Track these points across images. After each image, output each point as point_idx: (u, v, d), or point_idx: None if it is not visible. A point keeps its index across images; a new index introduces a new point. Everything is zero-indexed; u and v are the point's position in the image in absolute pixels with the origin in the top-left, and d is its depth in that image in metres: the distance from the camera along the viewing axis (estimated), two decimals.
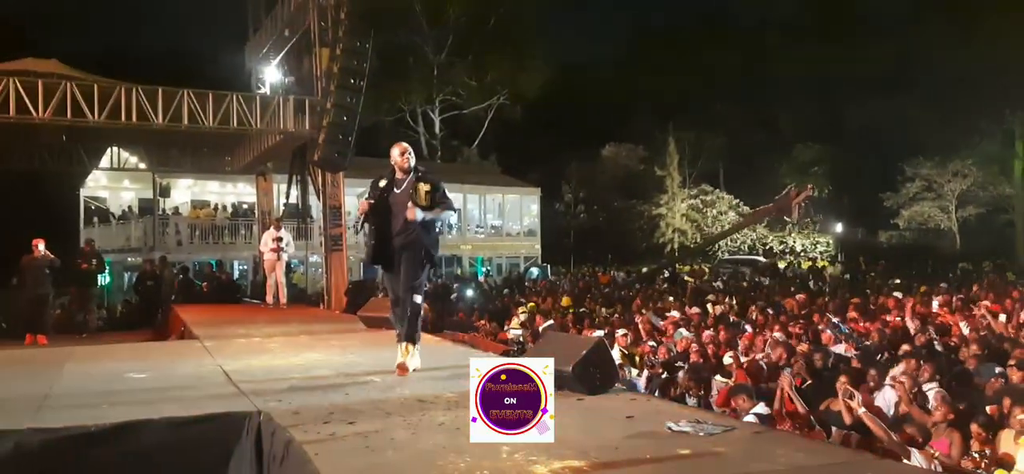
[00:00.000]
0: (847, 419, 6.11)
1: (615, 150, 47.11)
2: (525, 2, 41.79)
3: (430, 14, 40.39)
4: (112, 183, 29.86)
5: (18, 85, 15.82)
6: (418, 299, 6.32)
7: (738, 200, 44.55)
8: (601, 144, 46.98)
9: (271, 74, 21.06)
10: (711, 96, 45.64)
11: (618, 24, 53.15)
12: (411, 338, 6.29)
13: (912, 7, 41.01)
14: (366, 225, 6.43)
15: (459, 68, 41.98)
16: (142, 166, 28.00)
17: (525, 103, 43.52)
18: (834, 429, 6.18)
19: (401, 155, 6.30)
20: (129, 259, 27.49)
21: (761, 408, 6.75)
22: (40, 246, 13.90)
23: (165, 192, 27.28)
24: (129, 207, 29.51)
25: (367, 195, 6.39)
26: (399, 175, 6.33)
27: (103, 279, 18.90)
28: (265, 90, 20.70)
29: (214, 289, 18.92)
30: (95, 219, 29.06)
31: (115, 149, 28.01)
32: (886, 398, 6.88)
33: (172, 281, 18.44)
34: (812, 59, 42.99)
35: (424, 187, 6.15)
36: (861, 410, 5.98)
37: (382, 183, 6.35)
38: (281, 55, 20.40)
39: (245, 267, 27.60)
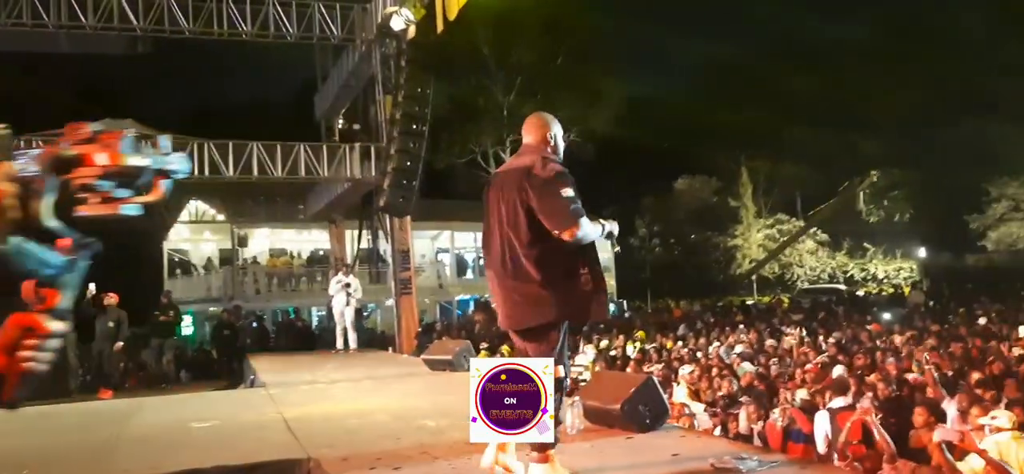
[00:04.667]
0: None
1: (688, 182, 46.53)
2: (593, 40, 41.73)
3: (498, 56, 40.67)
4: (193, 236, 30.90)
5: None
6: None
7: (816, 228, 43.43)
8: (674, 177, 46.47)
9: (339, 123, 21.61)
10: (784, 124, 44.67)
11: (687, 56, 52.51)
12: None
13: (987, 26, 39.57)
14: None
15: (529, 108, 41.84)
16: (221, 218, 28.95)
17: (596, 139, 43.31)
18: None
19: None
20: (211, 309, 28.30)
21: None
22: (105, 299, 13.02)
23: (243, 242, 28.03)
24: (210, 258, 30.44)
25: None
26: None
27: (185, 329, 19.45)
28: (335, 138, 21.24)
29: (290, 337, 19.27)
30: (178, 271, 30.02)
31: (195, 202, 29.14)
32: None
33: (244, 330, 18.86)
34: (887, 82, 41.73)
35: None
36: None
37: None
38: (348, 104, 20.92)
39: (322, 313, 28.11)
